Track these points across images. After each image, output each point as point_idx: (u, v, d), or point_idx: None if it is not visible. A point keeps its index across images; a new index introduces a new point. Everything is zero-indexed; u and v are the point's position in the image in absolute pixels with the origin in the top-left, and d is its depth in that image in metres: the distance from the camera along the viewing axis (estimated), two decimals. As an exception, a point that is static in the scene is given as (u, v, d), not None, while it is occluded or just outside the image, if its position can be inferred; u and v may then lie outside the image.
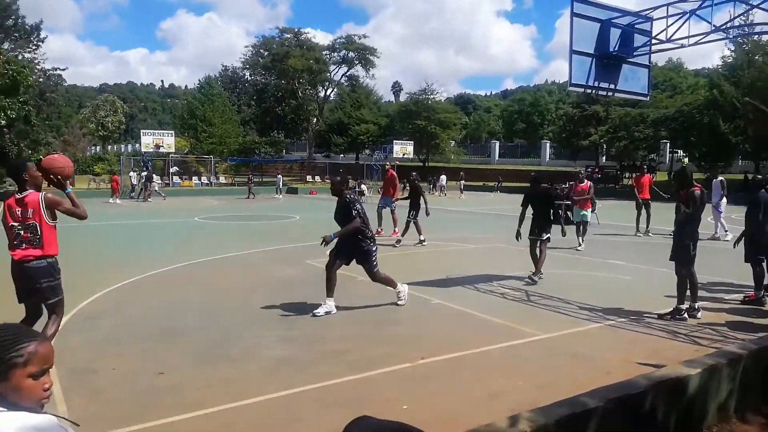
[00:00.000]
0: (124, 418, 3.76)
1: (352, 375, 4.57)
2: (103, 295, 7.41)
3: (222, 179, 45.97)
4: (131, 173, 32.60)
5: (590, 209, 12.30)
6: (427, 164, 53.82)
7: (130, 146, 71.58)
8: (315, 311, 6.48)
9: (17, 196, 4.45)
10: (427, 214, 12.19)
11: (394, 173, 14.35)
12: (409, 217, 12.18)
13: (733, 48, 35.41)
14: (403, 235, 12.34)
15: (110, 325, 6.06)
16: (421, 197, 12.23)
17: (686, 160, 37.24)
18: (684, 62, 64.82)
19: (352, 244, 6.69)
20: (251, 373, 4.67)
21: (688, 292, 6.47)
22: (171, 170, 44.17)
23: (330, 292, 6.60)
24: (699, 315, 6.48)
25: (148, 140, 38.18)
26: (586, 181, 12.57)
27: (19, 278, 4.48)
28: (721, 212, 13.53)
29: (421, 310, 6.83)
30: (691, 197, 6.38)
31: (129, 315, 6.53)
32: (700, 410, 3.34)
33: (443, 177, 39.46)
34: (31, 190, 4.43)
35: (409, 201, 12.40)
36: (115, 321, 6.25)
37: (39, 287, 4.44)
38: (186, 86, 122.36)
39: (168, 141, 38.84)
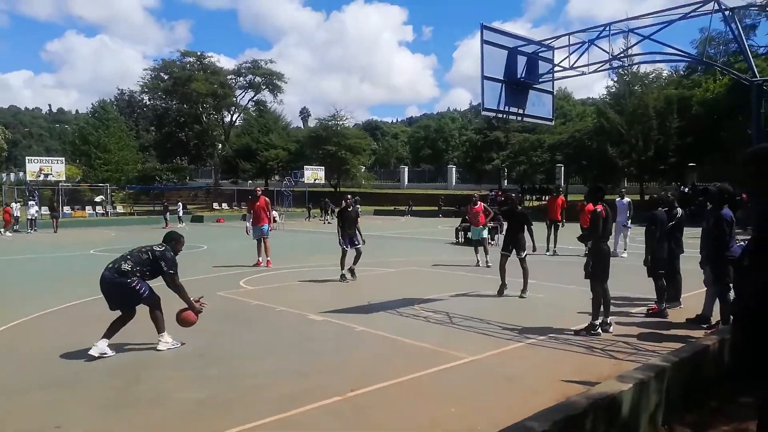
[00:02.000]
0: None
1: (279, 414, 4.24)
2: (-17, 341, 6.51)
3: (120, 209, 43.17)
4: (30, 203, 29.73)
5: (485, 227, 13.24)
6: (338, 189, 53.78)
7: (12, 175, 65.60)
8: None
9: None
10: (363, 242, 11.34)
11: (267, 199, 13.77)
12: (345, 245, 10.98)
13: (616, 79, 38.74)
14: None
15: (2, 374, 5.29)
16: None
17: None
18: (572, 92, 69.98)
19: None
20: (162, 420, 4.20)
21: (601, 308, 6.73)
22: (96, 199, 41.04)
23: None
24: (611, 329, 6.75)
25: (34, 168, 35.11)
26: (479, 203, 13.42)
27: None
28: (630, 229, 14.47)
29: (345, 339, 6.59)
30: (593, 215, 6.73)
31: (20, 360, 5.75)
32: (633, 425, 3.37)
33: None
34: None
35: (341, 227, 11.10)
36: (3, 368, 5.46)
37: None
38: (77, 110, 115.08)
39: (57, 168, 35.93)
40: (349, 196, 11.76)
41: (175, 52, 71.33)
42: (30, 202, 29.49)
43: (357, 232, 11.14)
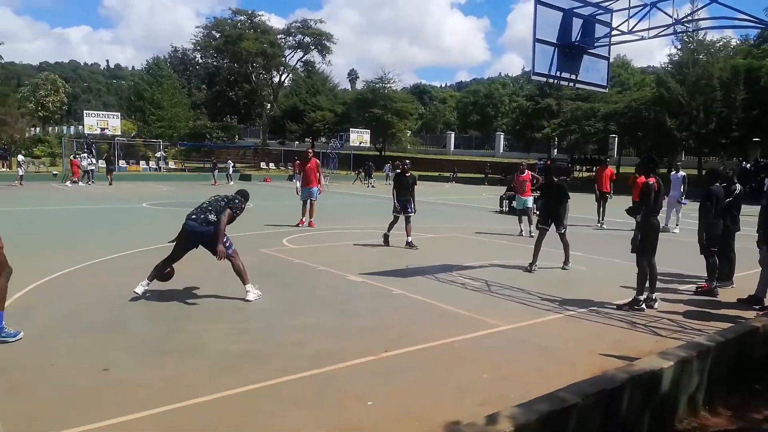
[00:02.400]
0: (65, 419, 3.40)
1: (313, 369, 4.33)
2: (40, 284, 6.88)
3: (172, 164, 44.44)
4: (84, 155, 31.01)
5: (531, 197, 12.93)
6: (383, 153, 53.67)
7: (72, 128, 68.25)
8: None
9: None
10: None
11: (317, 161, 13.66)
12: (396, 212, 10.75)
13: (679, 46, 36.68)
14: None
15: (47, 318, 5.59)
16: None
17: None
18: (631, 59, 66.81)
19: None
20: (202, 368, 4.36)
21: (646, 283, 6.53)
22: (157, 154, 42.38)
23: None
24: (656, 305, 6.55)
25: (92, 122, 36.41)
26: (526, 171, 12.95)
27: None
28: (684, 204, 13.89)
29: (382, 301, 6.64)
30: (644, 188, 6.46)
31: (67, 307, 6.06)
32: (672, 404, 3.28)
33: (387, 165, 39.33)
34: None
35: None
36: (52, 313, 5.78)
37: None
38: (133, 67, 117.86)
39: (113, 123, 37.16)
40: (407, 161, 11.32)
41: (227, 10, 71.52)
42: (84, 155, 30.62)
43: (411, 200, 10.79)
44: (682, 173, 14.02)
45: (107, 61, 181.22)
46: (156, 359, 4.53)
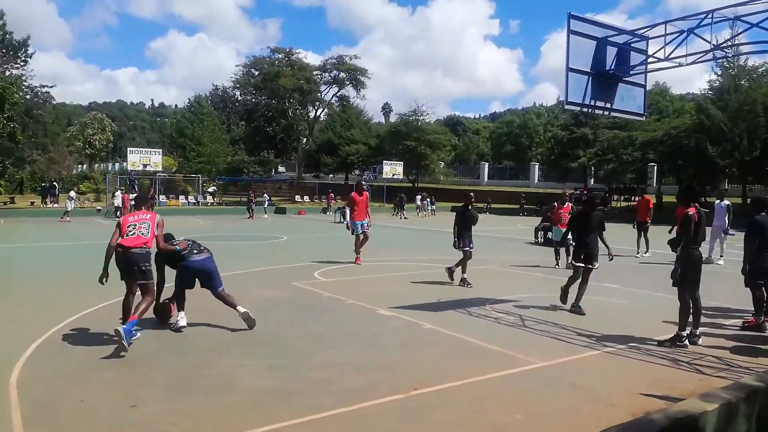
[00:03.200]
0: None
1: (341, 408, 4.25)
2: (76, 319, 7.02)
3: (210, 199, 45.48)
4: (117, 192, 32.11)
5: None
6: (416, 185, 53.76)
7: (117, 164, 70.93)
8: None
9: None
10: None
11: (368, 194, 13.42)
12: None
13: (719, 72, 35.93)
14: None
15: (81, 353, 5.67)
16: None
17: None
18: (669, 86, 65.75)
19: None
20: (231, 405, 4.33)
21: (689, 318, 6.23)
22: (209, 189, 43.76)
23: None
24: (700, 341, 6.24)
25: (134, 158, 37.71)
26: (568, 203, 12.87)
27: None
28: (731, 235, 13.37)
29: (413, 336, 6.52)
30: (684, 219, 6.22)
31: (101, 341, 6.14)
32: (718, 451, 3.06)
33: (418, 197, 39.35)
34: None
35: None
36: (85, 348, 5.85)
37: None
38: (176, 105, 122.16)
39: (155, 159, 38.37)
40: (472, 195, 11.01)
41: (266, 49, 73.93)
42: (117, 193, 31.59)
43: (471, 235, 10.29)
44: (726, 202, 13.52)
45: (152, 100, 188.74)
46: (184, 395, 4.52)
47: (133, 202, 31.03)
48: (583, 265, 7.96)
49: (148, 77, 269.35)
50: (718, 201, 13.70)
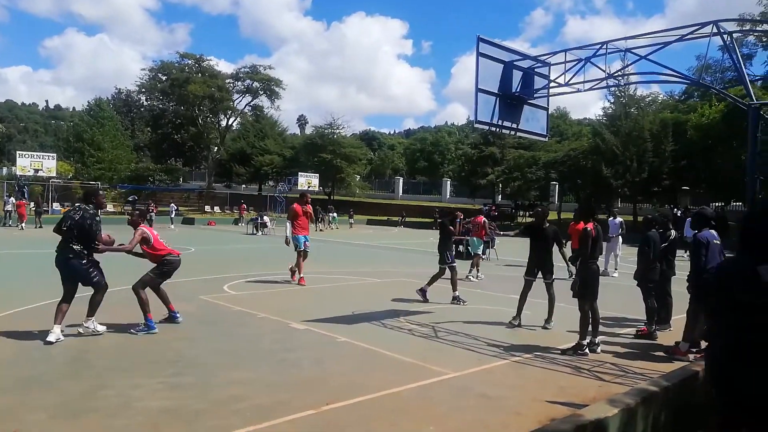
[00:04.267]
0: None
1: (249, 426, 4.05)
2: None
3: (110, 207, 42.77)
4: (10, 199, 29.47)
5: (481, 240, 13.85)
6: (332, 197, 53.63)
7: (5, 169, 65.05)
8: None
9: None
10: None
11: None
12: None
13: (612, 100, 38.95)
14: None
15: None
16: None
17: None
18: (569, 111, 70.40)
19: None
20: (125, 428, 4.00)
21: (589, 327, 6.58)
22: (129, 198, 40.75)
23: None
24: (599, 350, 6.60)
25: (25, 163, 34.75)
26: (480, 216, 14.41)
27: None
28: (618, 251, 14.42)
29: (326, 350, 6.40)
30: (582, 234, 6.62)
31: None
32: (617, 454, 3.21)
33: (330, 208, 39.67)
34: None
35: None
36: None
37: None
38: (74, 108, 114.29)
39: (48, 164, 35.58)
40: (458, 213, 11.33)
41: (174, 54, 71.22)
42: (10, 198, 29.15)
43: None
44: (619, 219, 14.65)
45: (46, 101, 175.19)
46: (74, 421, 4.13)
47: (33, 208, 28.58)
48: (532, 278, 7.96)
49: (42, 77, 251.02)
50: (611, 218, 14.74)
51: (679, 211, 33.82)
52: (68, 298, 6.34)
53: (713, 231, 6.16)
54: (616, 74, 8.71)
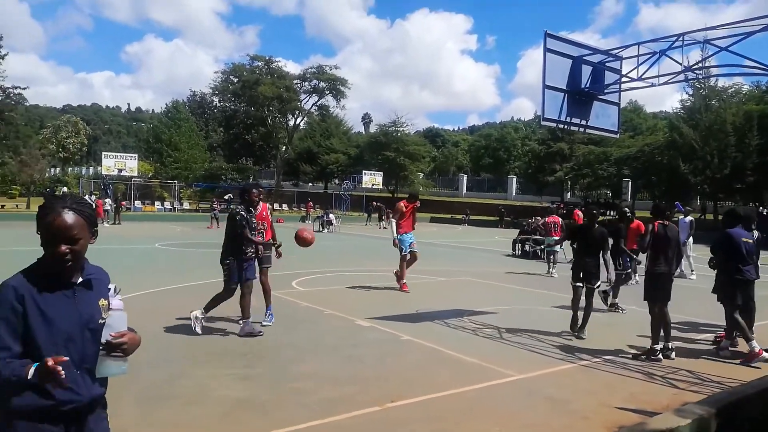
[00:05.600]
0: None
1: (316, 420, 4.19)
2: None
3: (186, 205, 44.94)
4: (107, 199, 31.60)
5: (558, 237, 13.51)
6: (395, 195, 53.93)
7: (91, 169, 69.72)
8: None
9: None
10: None
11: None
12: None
13: (691, 92, 36.93)
14: None
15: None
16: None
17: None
18: (643, 105, 67.31)
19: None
20: (203, 416, 4.24)
21: (662, 332, 6.33)
22: (225, 197, 42.97)
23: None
24: (673, 355, 6.33)
25: (109, 163, 37.13)
26: (555, 215, 14.32)
27: None
28: (690, 252, 13.62)
29: (390, 348, 6.50)
30: (643, 234, 6.39)
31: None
32: (691, 465, 3.10)
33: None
34: None
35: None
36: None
37: None
38: (153, 110, 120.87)
39: (130, 164, 37.85)
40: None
41: (245, 56, 74.00)
42: (92, 197, 31.10)
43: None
44: (690, 218, 13.94)
45: (128, 104, 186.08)
46: (155, 406, 4.43)
47: (107, 208, 30.71)
48: (581, 285, 7.23)
49: (123, 81, 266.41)
50: (682, 217, 14.00)
51: (765, 210, 31.67)
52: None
53: None
54: (694, 67, 8.27)
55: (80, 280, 1.95)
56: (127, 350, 1.91)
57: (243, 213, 6.58)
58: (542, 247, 14.78)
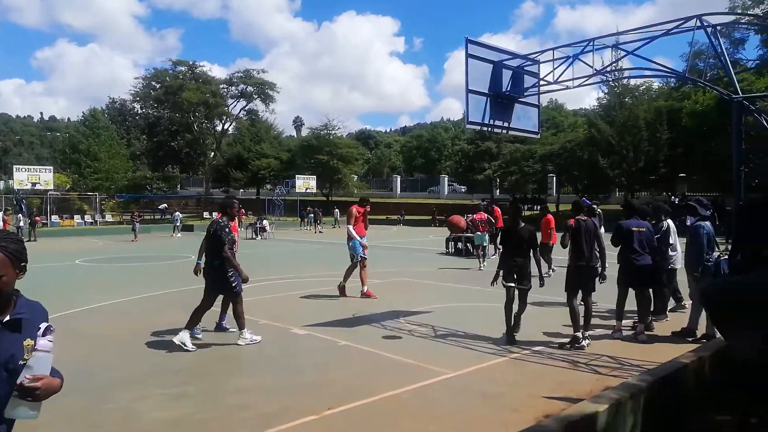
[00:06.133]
0: None
1: (253, 434, 4.17)
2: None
3: (109, 217, 42.88)
4: (19, 215, 29.55)
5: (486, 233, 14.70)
6: (330, 198, 53.75)
7: (2, 183, 65.14)
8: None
9: None
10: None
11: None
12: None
13: (606, 91, 39.03)
14: None
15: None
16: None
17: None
18: (564, 103, 70.42)
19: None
20: (135, 441, 4.11)
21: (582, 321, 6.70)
22: (160, 207, 40.80)
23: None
24: (586, 343, 6.69)
25: (22, 176, 34.88)
26: (481, 212, 15.30)
27: None
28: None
29: (327, 355, 6.52)
30: (568, 229, 6.79)
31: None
32: (608, 448, 3.32)
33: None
34: None
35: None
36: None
37: None
38: (69, 118, 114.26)
39: (45, 177, 35.72)
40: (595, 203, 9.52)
41: (167, 61, 71.41)
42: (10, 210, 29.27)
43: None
44: (598, 211, 14.70)
45: (41, 113, 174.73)
46: (83, 434, 4.24)
47: (21, 224, 28.86)
48: (513, 285, 7.00)
49: (35, 89, 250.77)
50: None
51: (677, 199, 33.98)
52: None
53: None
54: (604, 70, 8.80)
55: (6, 318, 1.85)
56: (39, 396, 1.82)
57: (228, 230, 6.81)
58: (475, 243, 15.28)
